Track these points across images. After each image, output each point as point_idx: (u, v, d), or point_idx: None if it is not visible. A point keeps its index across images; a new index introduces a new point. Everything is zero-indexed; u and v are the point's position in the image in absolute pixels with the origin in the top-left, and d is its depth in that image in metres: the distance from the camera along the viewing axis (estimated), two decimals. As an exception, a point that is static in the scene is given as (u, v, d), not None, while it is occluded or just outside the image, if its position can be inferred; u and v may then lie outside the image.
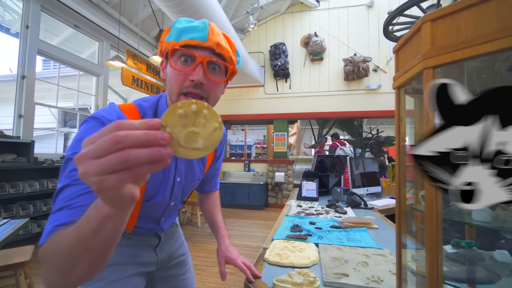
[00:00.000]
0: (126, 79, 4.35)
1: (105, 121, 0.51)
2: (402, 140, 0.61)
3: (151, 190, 0.64)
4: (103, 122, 0.51)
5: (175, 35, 0.54)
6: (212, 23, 0.57)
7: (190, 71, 0.52)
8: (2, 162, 2.89)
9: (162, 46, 0.57)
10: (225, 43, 0.57)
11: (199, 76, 0.52)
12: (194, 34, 0.52)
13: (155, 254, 0.78)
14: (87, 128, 0.50)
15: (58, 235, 0.38)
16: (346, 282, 0.72)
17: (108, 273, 0.68)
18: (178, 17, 3.24)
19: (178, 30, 0.54)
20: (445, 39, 0.45)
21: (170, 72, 0.55)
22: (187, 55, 0.53)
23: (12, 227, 1.52)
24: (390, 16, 2.56)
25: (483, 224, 0.43)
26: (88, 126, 0.50)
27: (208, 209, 0.96)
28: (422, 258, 0.55)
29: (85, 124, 0.51)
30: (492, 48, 0.40)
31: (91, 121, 0.51)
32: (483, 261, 0.55)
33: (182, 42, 0.52)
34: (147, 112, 0.61)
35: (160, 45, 0.58)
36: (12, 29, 4.58)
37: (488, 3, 0.41)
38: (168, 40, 0.55)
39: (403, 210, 0.60)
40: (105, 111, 0.55)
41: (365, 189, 2.25)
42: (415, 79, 0.53)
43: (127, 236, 0.72)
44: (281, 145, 5.80)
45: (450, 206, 0.51)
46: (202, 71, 0.53)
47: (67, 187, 0.44)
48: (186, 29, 0.53)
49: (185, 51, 0.53)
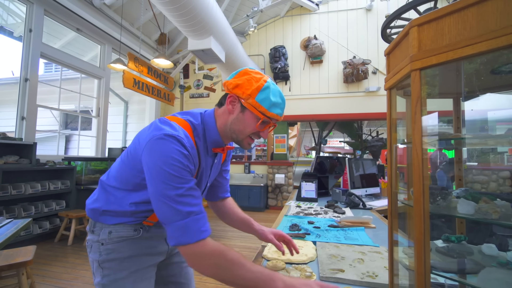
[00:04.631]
0: (127, 82, 4.39)
1: (180, 139, 0.64)
2: (393, 141, 0.64)
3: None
4: (180, 141, 0.64)
5: (267, 105, 0.69)
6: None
7: (262, 130, 0.73)
8: (4, 164, 2.92)
9: (249, 99, 0.69)
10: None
11: (266, 135, 0.75)
12: (278, 110, 0.71)
13: (166, 244, 0.84)
14: (172, 143, 0.63)
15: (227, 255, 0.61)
16: (342, 277, 0.74)
17: (131, 263, 0.75)
18: (179, 21, 3.28)
19: (271, 102, 0.69)
20: (431, 43, 0.48)
21: (249, 123, 0.71)
22: (267, 122, 0.72)
23: (15, 227, 1.54)
24: (388, 19, 2.60)
25: (467, 217, 0.46)
26: (172, 143, 0.63)
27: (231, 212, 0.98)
28: (413, 253, 0.57)
29: (167, 141, 0.63)
30: (473, 51, 0.43)
31: (171, 139, 0.63)
32: (472, 255, 0.57)
33: (271, 115, 0.70)
34: (197, 129, 0.73)
35: (247, 96, 0.69)
36: (15, 33, 4.64)
37: (469, 10, 0.44)
38: (260, 103, 0.69)
39: (395, 208, 0.63)
40: (174, 129, 0.66)
41: (364, 190, 2.27)
42: (403, 81, 0.56)
43: (147, 229, 0.78)
44: (281, 147, 5.82)
45: (437, 201, 0.53)
46: (268, 132, 0.75)
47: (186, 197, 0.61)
48: (275, 104, 0.70)
49: (269, 121, 0.72)
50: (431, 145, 0.63)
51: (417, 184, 0.48)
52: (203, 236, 0.60)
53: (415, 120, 0.50)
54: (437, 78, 0.64)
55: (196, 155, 0.69)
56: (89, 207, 0.78)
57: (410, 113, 0.67)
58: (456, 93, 0.74)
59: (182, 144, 0.64)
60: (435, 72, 0.58)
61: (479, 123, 0.71)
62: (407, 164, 0.56)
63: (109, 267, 0.74)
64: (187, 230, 0.59)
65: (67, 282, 2.31)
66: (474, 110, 0.73)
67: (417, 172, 0.48)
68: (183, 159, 0.62)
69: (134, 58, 4.49)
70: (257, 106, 0.68)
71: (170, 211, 0.60)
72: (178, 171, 0.61)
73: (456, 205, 0.49)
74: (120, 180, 0.74)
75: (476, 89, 0.68)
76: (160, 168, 0.61)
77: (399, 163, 0.66)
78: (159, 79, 5.39)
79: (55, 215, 3.50)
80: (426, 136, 0.53)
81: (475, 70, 0.60)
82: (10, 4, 4.44)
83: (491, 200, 0.47)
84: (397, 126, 0.64)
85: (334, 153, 8.23)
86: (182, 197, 0.61)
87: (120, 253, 0.74)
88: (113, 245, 0.74)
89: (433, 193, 0.53)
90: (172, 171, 0.61)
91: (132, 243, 0.75)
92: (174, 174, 0.61)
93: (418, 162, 0.48)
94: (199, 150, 0.72)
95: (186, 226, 0.59)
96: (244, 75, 0.71)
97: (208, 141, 0.75)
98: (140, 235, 0.76)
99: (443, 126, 0.77)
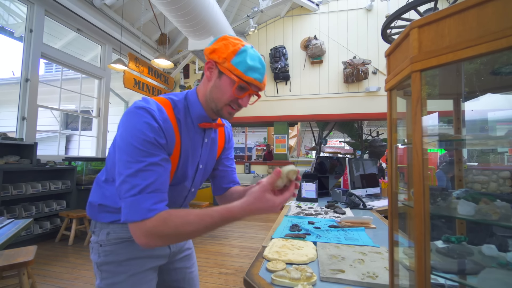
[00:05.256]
0: (128, 82, 4.39)
1: (151, 111, 0.62)
2: (394, 141, 0.64)
3: (179, 175, 0.72)
4: (150, 112, 0.62)
5: (243, 68, 0.65)
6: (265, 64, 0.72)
7: (241, 97, 0.69)
8: (5, 164, 2.93)
9: (225, 63, 0.66)
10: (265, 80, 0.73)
11: (246, 104, 0.71)
12: (257, 75, 0.67)
13: (168, 247, 0.82)
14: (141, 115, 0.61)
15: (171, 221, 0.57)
16: (342, 277, 0.75)
17: (129, 267, 0.73)
18: (180, 21, 3.28)
19: (247, 65, 0.65)
20: (431, 44, 0.48)
21: (225, 89, 0.68)
22: (244, 88, 0.69)
23: (16, 227, 1.55)
24: (388, 19, 2.60)
25: (467, 218, 0.46)
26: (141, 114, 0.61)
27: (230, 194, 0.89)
28: (414, 254, 0.57)
29: (136, 113, 0.61)
30: (473, 53, 0.43)
31: (141, 111, 0.62)
32: (472, 255, 0.57)
33: (248, 79, 0.66)
34: (177, 105, 0.70)
35: (223, 60, 0.66)
36: (16, 33, 4.65)
37: (469, 11, 0.44)
38: (236, 66, 0.65)
39: (395, 208, 0.63)
40: (147, 102, 0.64)
41: (364, 190, 2.27)
42: (404, 82, 0.56)
43: None
44: (281, 147, 5.82)
45: (438, 201, 0.53)
46: (248, 100, 0.71)
47: (141, 172, 0.58)
48: (252, 68, 0.66)
49: (246, 86, 0.68)
50: (431, 145, 0.63)
51: (418, 185, 0.49)
52: (150, 214, 0.56)
53: (415, 121, 0.50)
54: (437, 78, 0.64)
55: (170, 129, 0.65)
56: (87, 204, 0.77)
57: (410, 114, 0.68)
58: (456, 94, 0.74)
59: (152, 116, 0.61)
60: (435, 72, 0.58)
61: (479, 123, 0.72)
62: (408, 165, 0.56)
63: (107, 270, 0.72)
64: (136, 207, 0.56)
65: (68, 282, 2.31)
66: (474, 110, 0.73)
67: (417, 173, 0.48)
68: (149, 131, 0.60)
69: (134, 58, 4.49)
70: (233, 70, 0.65)
71: (125, 185, 0.57)
72: (142, 143, 0.59)
73: (456, 206, 0.50)
74: (109, 172, 0.72)
75: (477, 89, 0.68)
76: (125, 140, 0.59)
77: (399, 163, 0.66)
78: (160, 79, 5.40)
79: (55, 215, 3.50)
80: (426, 137, 0.53)
81: (475, 70, 0.61)
82: (11, 4, 4.45)
83: (491, 201, 0.47)
84: (398, 126, 0.64)
85: (334, 153, 8.23)
86: (140, 172, 0.57)
87: (118, 256, 0.72)
88: (111, 246, 0.73)
89: (433, 194, 0.53)
90: (135, 142, 0.58)
91: (130, 245, 0.73)
92: (137, 146, 0.58)
93: (419, 163, 0.48)
94: (180, 125, 0.69)
95: (136, 202, 0.56)
96: (222, 40, 0.68)
97: (193, 116, 0.72)
98: None
99: (443, 126, 0.77)
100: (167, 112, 0.66)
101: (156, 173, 0.59)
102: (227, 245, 3.36)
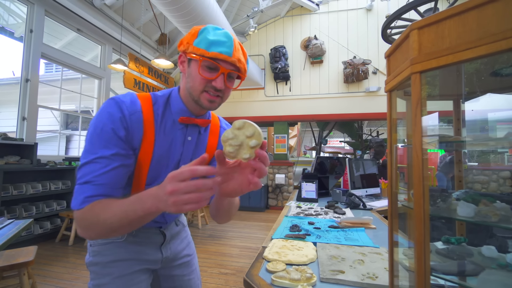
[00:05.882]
0: (128, 82, 4.40)
1: (119, 102, 0.61)
2: (394, 141, 0.64)
3: (154, 172, 0.68)
4: (117, 103, 0.61)
5: (204, 45, 0.60)
6: (235, 38, 0.65)
7: (213, 79, 0.62)
8: (5, 164, 2.93)
9: (189, 48, 0.62)
10: (242, 57, 0.65)
11: (221, 85, 0.63)
12: (222, 48, 0.60)
13: (160, 252, 0.79)
14: (108, 105, 0.61)
15: (95, 209, 0.54)
16: (342, 278, 0.75)
17: (115, 269, 0.71)
18: (180, 21, 3.28)
19: (208, 41, 0.60)
20: (431, 46, 0.48)
21: (195, 74, 0.63)
22: (212, 66, 0.62)
23: (17, 227, 1.55)
24: (388, 19, 2.60)
25: (467, 219, 0.46)
26: (108, 104, 0.61)
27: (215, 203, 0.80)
28: (413, 255, 0.57)
29: (105, 103, 0.62)
30: (473, 55, 0.43)
31: (110, 101, 0.61)
32: (472, 256, 0.57)
33: (212, 54, 0.60)
34: (158, 100, 0.68)
35: (186, 46, 0.63)
36: (16, 33, 4.65)
37: (469, 13, 0.44)
38: (197, 45, 0.61)
39: (395, 208, 0.63)
40: (123, 95, 0.64)
41: (364, 191, 2.27)
42: (404, 83, 0.56)
43: (133, 233, 0.75)
44: (282, 147, 5.83)
45: (437, 203, 0.53)
46: (223, 81, 0.63)
47: (91, 163, 0.57)
48: (215, 42, 0.60)
49: (213, 63, 0.61)
50: (432, 145, 0.63)
51: (417, 186, 0.49)
52: (83, 205, 0.55)
53: (415, 122, 0.50)
54: (437, 78, 0.64)
55: (139, 121, 0.62)
56: None
57: (410, 114, 0.68)
58: (456, 94, 0.74)
59: (118, 106, 0.60)
60: (436, 73, 0.58)
61: (479, 124, 0.72)
62: (407, 165, 0.56)
63: (94, 271, 0.72)
64: (76, 196, 0.56)
65: (68, 282, 2.31)
66: (475, 110, 0.73)
67: (417, 175, 0.48)
68: (109, 121, 0.58)
69: (134, 58, 4.49)
70: (195, 50, 0.61)
71: (78, 173, 0.58)
72: (99, 133, 0.58)
73: (456, 207, 0.50)
74: None
75: (477, 89, 0.68)
76: (89, 128, 0.60)
77: (399, 163, 0.66)
78: (160, 79, 5.40)
79: (56, 215, 3.51)
80: (426, 138, 0.53)
81: (476, 70, 0.61)
82: (11, 4, 4.44)
83: (490, 202, 0.47)
84: (398, 125, 0.64)
85: (334, 153, 8.23)
86: (91, 163, 0.57)
87: (104, 257, 0.72)
88: (99, 247, 0.72)
89: (433, 195, 0.53)
90: (94, 132, 0.58)
91: (116, 247, 0.72)
92: (94, 136, 0.58)
93: (418, 165, 0.48)
94: (157, 120, 0.66)
95: (77, 191, 0.56)
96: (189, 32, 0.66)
97: (173, 111, 0.68)
98: (125, 239, 0.73)
99: (443, 126, 0.77)
100: (142, 105, 0.64)
101: (104, 166, 0.57)
102: (227, 245, 3.37)
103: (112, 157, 0.58)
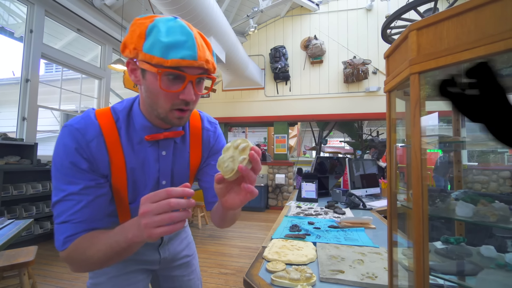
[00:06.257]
0: (128, 82, 4.40)
1: (72, 130, 0.55)
2: (393, 141, 0.65)
3: (134, 193, 0.64)
4: (71, 131, 0.55)
5: (159, 51, 0.48)
6: (193, 29, 0.53)
7: (180, 91, 0.52)
8: (5, 164, 2.93)
9: (138, 55, 0.50)
10: (209, 53, 0.54)
11: (191, 96, 0.52)
12: (183, 51, 0.48)
13: (157, 253, 0.78)
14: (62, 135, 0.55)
15: (80, 246, 0.52)
16: (342, 278, 0.75)
17: (111, 269, 0.71)
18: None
19: (162, 44, 0.48)
20: (430, 47, 0.49)
21: (155, 89, 0.52)
22: (176, 76, 0.51)
23: (17, 227, 1.55)
24: (388, 20, 2.60)
25: (466, 219, 0.46)
26: (62, 134, 0.56)
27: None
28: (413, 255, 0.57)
29: (60, 132, 0.56)
30: (471, 56, 0.43)
31: (64, 130, 0.56)
32: (471, 256, 0.58)
33: (172, 62, 0.48)
34: (120, 116, 0.60)
35: (134, 52, 0.51)
36: (16, 33, 4.65)
37: (467, 14, 0.44)
38: (149, 52, 0.48)
39: (394, 208, 0.63)
40: (77, 119, 0.57)
41: (364, 190, 2.28)
42: (403, 83, 0.56)
43: None
44: (282, 147, 5.83)
45: (436, 203, 0.54)
46: (192, 90, 0.52)
47: (62, 202, 0.54)
48: (172, 45, 0.48)
49: (178, 74, 0.50)
50: (432, 145, 0.63)
51: (416, 186, 0.49)
52: (64, 247, 0.52)
53: (414, 123, 0.50)
54: (437, 78, 0.64)
55: (101, 147, 0.56)
56: None
57: (409, 115, 0.68)
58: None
59: (73, 137, 0.54)
60: (436, 73, 0.58)
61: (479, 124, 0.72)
62: (407, 165, 0.56)
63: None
64: (57, 236, 0.53)
65: (68, 282, 2.32)
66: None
67: (416, 175, 0.48)
68: (65, 155, 0.53)
69: (134, 58, 4.49)
70: (150, 59, 0.48)
71: (54, 211, 0.54)
72: (60, 169, 0.53)
73: (455, 207, 0.50)
74: None
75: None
76: (52, 162, 0.55)
77: (399, 163, 0.67)
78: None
79: (56, 215, 3.51)
80: (426, 138, 0.53)
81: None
82: (11, 4, 4.45)
83: (489, 202, 0.47)
84: (397, 125, 0.64)
85: (334, 153, 8.23)
86: (62, 201, 0.53)
87: None
88: None
89: (432, 195, 0.54)
90: (55, 167, 0.54)
91: None
92: (57, 172, 0.54)
93: (417, 165, 0.49)
94: (122, 137, 0.59)
95: (57, 231, 0.53)
96: (130, 28, 0.51)
97: (137, 128, 0.60)
98: None
99: (443, 126, 0.77)
100: (102, 126, 0.57)
101: (77, 203, 0.53)
102: (227, 245, 3.37)
103: (83, 192, 0.54)
